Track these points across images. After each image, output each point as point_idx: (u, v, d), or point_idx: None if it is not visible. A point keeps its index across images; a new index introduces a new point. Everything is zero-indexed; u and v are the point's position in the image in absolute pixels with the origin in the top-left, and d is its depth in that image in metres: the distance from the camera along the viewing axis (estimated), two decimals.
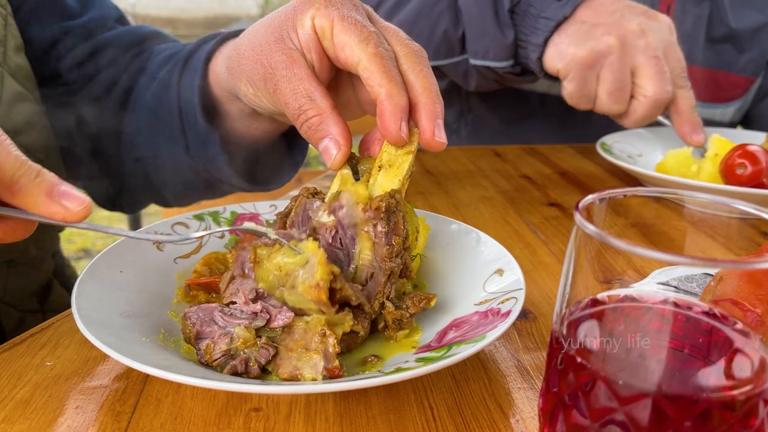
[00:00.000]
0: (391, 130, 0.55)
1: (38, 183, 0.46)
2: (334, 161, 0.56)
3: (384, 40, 0.57)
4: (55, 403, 0.48)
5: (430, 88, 0.56)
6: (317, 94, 0.57)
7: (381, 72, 0.55)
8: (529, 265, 0.73)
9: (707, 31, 1.23)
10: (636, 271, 0.39)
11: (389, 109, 0.54)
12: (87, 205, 0.48)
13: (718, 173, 0.93)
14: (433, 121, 0.55)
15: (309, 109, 0.56)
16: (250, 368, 0.49)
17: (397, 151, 0.57)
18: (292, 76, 0.57)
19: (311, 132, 0.57)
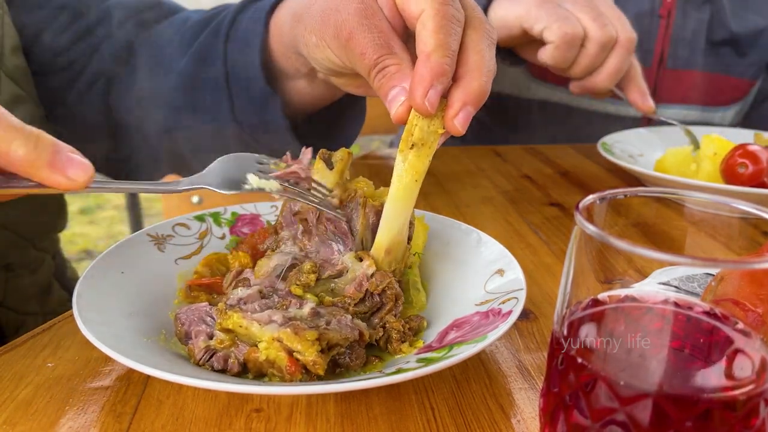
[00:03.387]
0: (415, 95, 0.50)
1: (39, 152, 0.44)
2: (399, 109, 0.52)
3: (460, 5, 0.53)
4: (56, 405, 0.48)
5: (481, 69, 0.52)
6: (397, 46, 0.54)
7: (436, 29, 0.50)
8: (530, 265, 0.73)
9: (708, 35, 1.23)
10: (637, 271, 0.39)
11: (422, 71, 0.50)
12: (91, 171, 0.46)
13: (717, 172, 0.93)
14: (461, 104, 0.51)
15: (388, 58, 0.53)
16: (230, 365, 0.49)
17: (429, 127, 0.52)
18: (372, 26, 0.54)
19: (385, 80, 0.53)
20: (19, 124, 0.44)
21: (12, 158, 0.43)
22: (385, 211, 0.56)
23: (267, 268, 0.57)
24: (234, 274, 0.58)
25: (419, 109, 0.51)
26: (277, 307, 0.52)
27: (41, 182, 0.45)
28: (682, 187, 0.78)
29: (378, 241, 0.56)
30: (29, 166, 0.44)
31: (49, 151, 0.44)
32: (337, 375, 0.50)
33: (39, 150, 0.44)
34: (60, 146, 0.45)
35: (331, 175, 0.60)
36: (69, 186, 0.45)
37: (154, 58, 0.82)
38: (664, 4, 1.20)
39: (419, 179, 0.54)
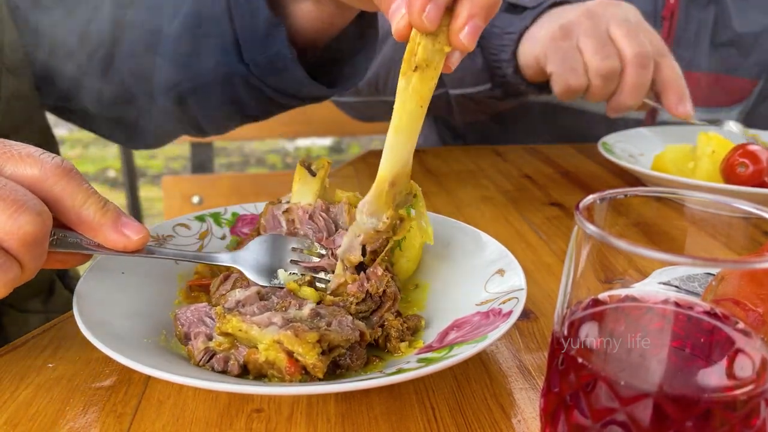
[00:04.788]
0: (413, 9, 0.46)
1: (104, 213, 0.50)
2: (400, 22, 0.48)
3: None
4: (56, 405, 0.48)
5: None
6: None
7: None
8: (530, 265, 0.73)
9: (712, 36, 1.22)
10: (637, 270, 0.39)
11: None
12: (145, 233, 0.52)
13: (716, 171, 0.92)
14: (468, 16, 0.47)
15: None
16: (230, 366, 0.49)
17: (434, 45, 0.48)
18: None
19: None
20: (93, 190, 0.50)
21: (83, 216, 0.49)
22: (389, 142, 0.52)
23: None
24: (221, 278, 0.58)
25: (417, 25, 0.47)
26: (277, 309, 0.52)
27: (103, 242, 0.50)
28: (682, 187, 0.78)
29: (382, 175, 0.53)
30: (96, 226, 0.50)
31: (113, 213, 0.50)
32: (338, 376, 0.50)
33: (105, 210, 0.50)
34: (122, 212, 0.51)
35: (312, 182, 0.60)
36: (126, 244, 0.51)
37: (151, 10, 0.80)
38: (667, 5, 1.19)
39: (424, 105, 0.50)
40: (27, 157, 0.47)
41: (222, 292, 0.56)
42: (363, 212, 0.54)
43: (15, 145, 0.48)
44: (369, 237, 0.55)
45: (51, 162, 0.47)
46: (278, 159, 4.21)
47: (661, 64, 0.92)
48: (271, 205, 0.63)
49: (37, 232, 0.45)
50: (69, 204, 0.48)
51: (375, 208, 0.54)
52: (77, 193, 0.48)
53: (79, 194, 0.49)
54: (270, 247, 0.59)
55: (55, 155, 0.48)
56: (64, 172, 0.48)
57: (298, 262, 0.58)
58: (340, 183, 1.00)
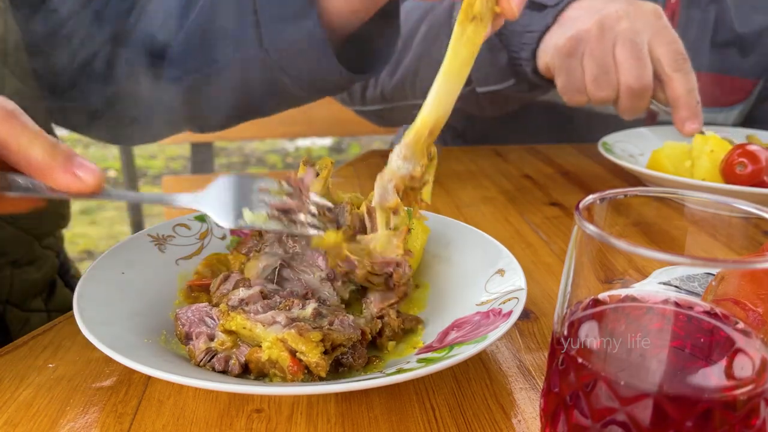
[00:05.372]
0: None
1: (54, 155, 0.47)
2: None
3: None
4: (57, 405, 0.48)
5: None
6: None
7: None
8: (530, 265, 0.73)
9: (712, 36, 1.22)
10: (637, 270, 0.39)
11: None
12: (99, 175, 0.49)
13: (716, 170, 0.92)
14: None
15: None
16: (231, 366, 0.49)
17: (488, 3, 0.51)
18: None
19: None
20: (39, 130, 0.46)
21: (31, 161, 0.46)
22: (437, 86, 0.52)
23: (256, 269, 0.57)
24: (221, 278, 0.58)
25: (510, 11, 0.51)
26: (280, 308, 0.52)
27: (53, 184, 0.48)
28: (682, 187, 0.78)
29: (424, 119, 0.52)
30: (45, 167, 0.47)
31: (63, 156, 0.47)
32: (339, 375, 0.51)
33: (55, 153, 0.47)
34: (73, 153, 0.48)
35: (315, 182, 0.60)
36: (79, 187, 0.48)
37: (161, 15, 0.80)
38: (667, 5, 1.19)
39: (473, 57, 0.52)
40: None
41: (223, 291, 0.56)
42: (399, 156, 0.53)
43: None
44: (402, 181, 0.53)
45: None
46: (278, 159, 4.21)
47: (672, 80, 0.90)
48: None
49: None
50: (14, 147, 0.46)
51: (411, 153, 0.53)
52: (21, 135, 0.46)
53: (24, 136, 0.46)
54: (234, 187, 0.56)
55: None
56: (7, 114, 0.45)
57: (267, 203, 0.55)
58: (340, 183, 1.00)
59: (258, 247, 0.61)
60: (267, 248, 0.60)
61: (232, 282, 0.57)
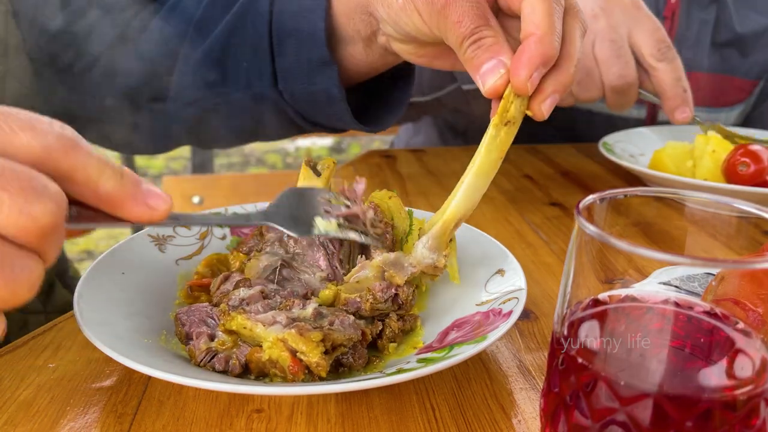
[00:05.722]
0: (521, 74, 0.51)
1: (123, 185, 0.43)
2: (497, 81, 0.53)
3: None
4: (57, 405, 0.48)
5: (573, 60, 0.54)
6: (492, 20, 0.56)
7: (545, 13, 0.52)
8: (530, 265, 0.73)
9: (713, 36, 1.22)
10: (637, 270, 0.39)
11: (533, 52, 0.51)
12: (170, 202, 0.46)
13: (717, 170, 0.93)
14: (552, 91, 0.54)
15: (486, 30, 0.54)
16: (231, 366, 0.49)
17: (520, 107, 0.54)
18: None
19: (481, 51, 0.54)
20: (105, 159, 0.43)
21: (101, 191, 0.43)
22: (469, 183, 0.56)
23: (257, 269, 0.57)
24: (221, 278, 0.58)
25: (520, 88, 0.52)
26: (280, 308, 0.52)
27: (124, 215, 0.44)
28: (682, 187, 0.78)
29: (452, 213, 0.56)
30: (116, 200, 0.43)
31: (131, 185, 0.44)
32: (340, 375, 0.51)
33: (124, 182, 0.43)
34: (141, 179, 0.45)
35: (317, 182, 0.60)
36: (150, 216, 0.45)
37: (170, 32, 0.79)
38: (668, 5, 1.19)
39: (503, 157, 0.55)
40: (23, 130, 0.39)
41: (223, 291, 0.56)
42: (425, 246, 0.56)
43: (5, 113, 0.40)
44: (425, 269, 0.56)
45: (53, 132, 0.40)
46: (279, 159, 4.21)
47: (657, 70, 0.89)
48: None
49: (56, 221, 0.38)
50: (82, 179, 0.42)
51: (437, 245, 0.56)
52: (89, 166, 0.42)
53: (91, 167, 0.42)
54: (298, 199, 0.56)
55: (53, 121, 0.41)
56: (70, 143, 0.41)
57: (331, 212, 0.55)
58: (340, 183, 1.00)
59: (259, 246, 0.61)
60: (268, 248, 0.60)
61: (233, 282, 0.57)
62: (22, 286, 0.37)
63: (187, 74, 0.78)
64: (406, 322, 0.56)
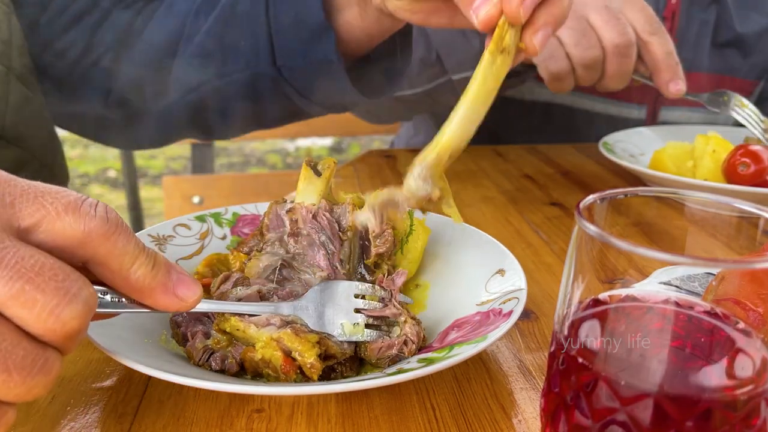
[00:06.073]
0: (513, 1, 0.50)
1: (155, 275, 0.42)
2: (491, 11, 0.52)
3: None
4: (57, 405, 0.48)
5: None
6: None
7: None
8: (531, 265, 0.73)
9: (713, 37, 1.22)
10: (637, 270, 0.39)
11: None
12: (200, 292, 0.44)
13: (718, 170, 0.93)
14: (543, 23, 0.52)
15: None
16: (228, 365, 0.49)
17: (514, 38, 0.53)
18: None
19: None
20: (141, 245, 0.41)
21: (131, 279, 0.41)
22: (462, 111, 0.52)
23: (257, 268, 0.57)
24: (222, 277, 0.58)
25: (513, 16, 0.51)
26: None
27: (151, 304, 0.43)
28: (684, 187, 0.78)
29: (446, 142, 0.53)
30: (145, 288, 0.42)
31: (163, 273, 0.42)
32: (332, 380, 0.50)
33: (156, 271, 0.42)
34: (172, 266, 0.43)
35: (318, 182, 0.60)
36: (179, 307, 0.43)
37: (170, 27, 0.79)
38: (668, 5, 1.19)
39: (497, 88, 0.53)
40: (66, 213, 0.38)
41: (222, 291, 0.56)
42: (419, 177, 0.52)
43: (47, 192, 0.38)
44: (419, 203, 0.53)
45: (96, 216, 0.39)
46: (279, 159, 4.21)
47: (649, 44, 0.91)
48: (275, 204, 0.63)
49: (83, 324, 0.37)
50: (116, 267, 0.40)
51: (431, 175, 0.53)
52: (125, 255, 0.40)
53: (127, 255, 0.40)
54: (329, 294, 0.55)
55: (98, 202, 0.40)
56: (111, 229, 0.39)
57: (362, 311, 0.54)
58: (340, 183, 1.00)
59: (259, 246, 0.61)
60: (268, 248, 0.60)
61: (233, 282, 0.57)
62: (39, 384, 0.36)
63: (186, 59, 0.78)
64: None
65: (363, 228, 0.59)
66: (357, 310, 0.54)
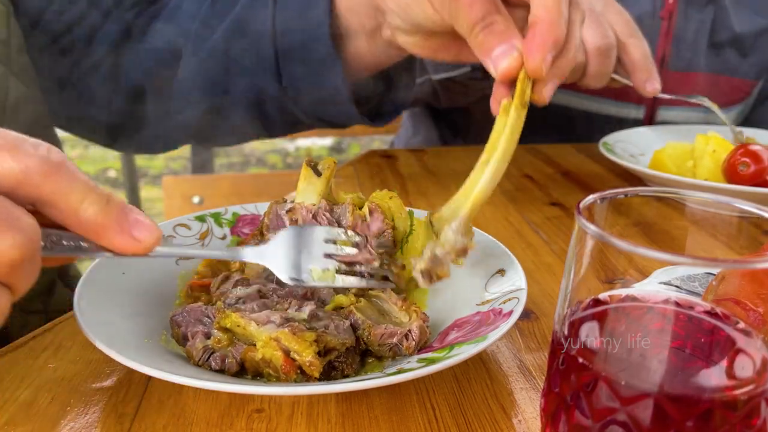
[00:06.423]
0: (536, 57, 0.53)
1: (107, 213, 0.41)
2: (511, 63, 0.54)
3: None
4: (57, 406, 0.48)
5: (573, 48, 0.56)
6: (502, 7, 0.57)
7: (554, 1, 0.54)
8: (531, 265, 0.73)
9: (710, 36, 1.22)
10: (638, 270, 0.39)
11: (545, 35, 0.53)
12: (158, 234, 0.43)
13: (718, 170, 0.93)
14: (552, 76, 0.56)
15: (497, 15, 0.56)
16: (228, 364, 0.49)
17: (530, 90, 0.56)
18: None
19: (492, 36, 0.55)
20: (90, 184, 0.40)
21: (81, 217, 0.40)
22: (493, 166, 0.54)
23: (257, 268, 0.57)
24: (222, 277, 0.58)
25: (536, 70, 0.53)
26: (276, 308, 0.52)
27: (107, 245, 0.42)
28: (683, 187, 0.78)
29: (478, 197, 0.55)
30: (99, 228, 0.41)
31: (117, 212, 0.41)
32: (333, 378, 0.50)
33: (109, 209, 0.41)
34: (128, 207, 0.42)
35: (318, 182, 0.60)
36: (134, 248, 0.42)
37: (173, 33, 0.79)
38: (665, 5, 1.19)
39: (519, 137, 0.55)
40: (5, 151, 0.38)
41: (223, 290, 0.56)
42: (456, 232, 0.55)
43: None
44: (457, 254, 0.55)
45: (36, 155, 0.38)
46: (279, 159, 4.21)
47: (627, 46, 0.93)
48: (275, 204, 0.63)
49: (24, 254, 0.36)
50: (63, 206, 0.40)
51: (465, 229, 0.55)
52: (71, 192, 0.39)
53: (74, 193, 0.40)
54: (298, 240, 0.53)
55: (40, 143, 0.40)
56: (53, 167, 0.39)
57: (333, 256, 0.53)
58: (340, 183, 1.00)
59: None
60: None
61: (233, 282, 0.57)
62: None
63: (190, 75, 0.78)
64: None
65: None
66: (328, 256, 0.53)
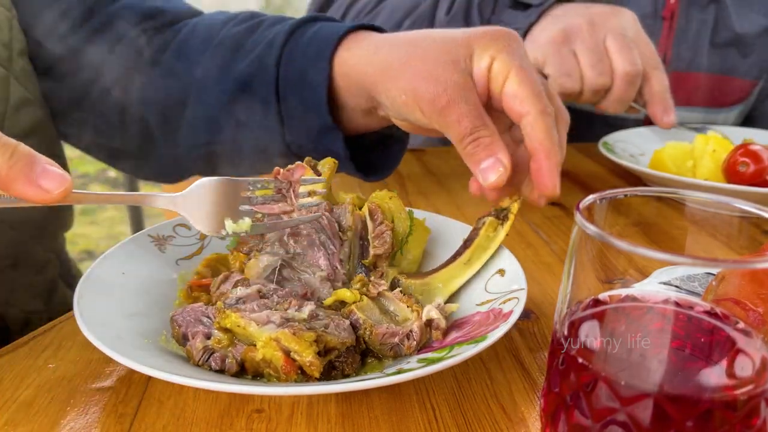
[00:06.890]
0: (549, 186, 0.61)
1: (13, 165, 0.42)
2: (498, 178, 0.60)
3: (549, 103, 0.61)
4: (57, 406, 0.48)
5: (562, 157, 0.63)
6: (488, 120, 0.61)
7: (545, 130, 0.60)
8: (531, 265, 0.73)
9: (712, 36, 1.22)
10: (637, 270, 0.39)
11: (548, 166, 0.60)
12: (68, 183, 0.44)
13: (718, 170, 0.93)
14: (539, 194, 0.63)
15: (483, 130, 0.60)
16: (228, 365, 0.49)
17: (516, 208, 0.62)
18: (469, 98, 0.61)
19: (480, 149, 0.60)
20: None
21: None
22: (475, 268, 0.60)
23: (257, 268, 0.57)
24: (221, 277, 0.58)
25: (553, 195, 0.62)
26: (276, 308, 0.52)
27: (14, 194, 0.43)
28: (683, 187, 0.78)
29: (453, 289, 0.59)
30: (5, 178, 0.42)
31: (24, 162, 0.43)
32: (333, 378, 0.50)
33: (14, 160, 0.42)
34: (36, 157, 0.44)
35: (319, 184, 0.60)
36: (43, 198, 0.44)
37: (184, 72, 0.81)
38: (667, 5, 1.19)
39: None
40: None
41: (222, 291, 0.56)
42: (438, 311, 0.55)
43: None
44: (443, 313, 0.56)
45: None
46: None
47: (651, 77, 0.95)
48: None
49: None
50: None
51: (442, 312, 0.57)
52: None
53: None
54: (217, 192, 0.53)
55: None
56: None
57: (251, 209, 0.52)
58: (340, 183, 1.00)
59: (259, 246, 0.61)
60: (268, 248, 0.60)
61: (232, 282, 0.57)
62: None
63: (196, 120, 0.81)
64: None
65: (363, 228, 0.60)
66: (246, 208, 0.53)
